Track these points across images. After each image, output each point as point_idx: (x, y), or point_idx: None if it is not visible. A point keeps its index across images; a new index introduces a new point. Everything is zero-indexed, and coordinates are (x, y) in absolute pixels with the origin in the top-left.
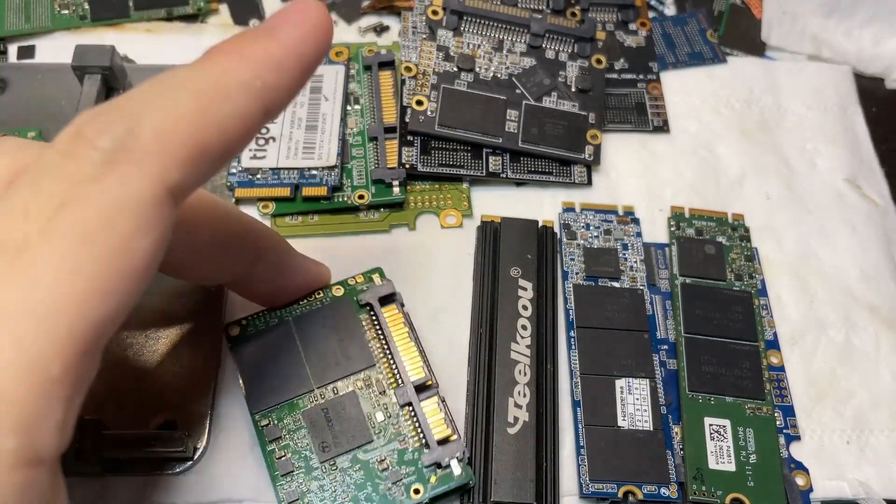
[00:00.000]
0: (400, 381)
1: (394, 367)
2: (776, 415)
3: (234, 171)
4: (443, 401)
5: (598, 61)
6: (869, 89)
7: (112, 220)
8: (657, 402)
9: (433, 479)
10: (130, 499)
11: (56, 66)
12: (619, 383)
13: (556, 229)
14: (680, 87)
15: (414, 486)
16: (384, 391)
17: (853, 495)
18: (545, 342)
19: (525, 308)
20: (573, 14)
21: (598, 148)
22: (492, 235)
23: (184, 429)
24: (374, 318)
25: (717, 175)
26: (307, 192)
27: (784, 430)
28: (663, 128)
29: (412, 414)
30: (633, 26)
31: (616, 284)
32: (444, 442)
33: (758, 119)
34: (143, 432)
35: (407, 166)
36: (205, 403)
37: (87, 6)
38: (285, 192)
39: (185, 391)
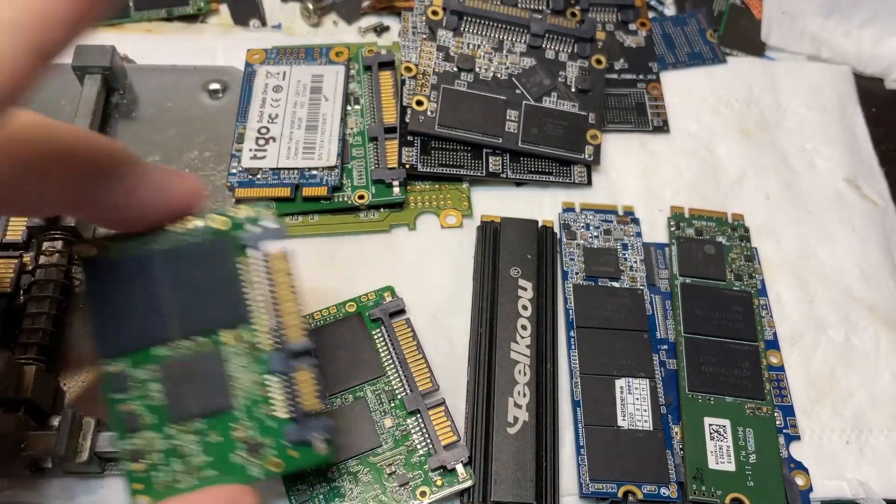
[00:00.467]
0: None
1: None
2: (776, 415)
3: (234, 171)
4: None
5: (598, 61)
6: (868, 89)
7: None
8: (657, 401)
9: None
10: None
11: (56, 66)
12: (619, 383)
13: (556, 229)
14: (680, 88)
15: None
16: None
17: (853, 495)
18: (545, 342)
19: (525, 308)
20: (573, 14)
21: (597, 148)
22: (492, 235)
23: None
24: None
25: (716, 175)
26: (307, 192)
27: (784, 430)
28: (663, 128)
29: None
30: (632, 26)
31: (616, 284)
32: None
33: (757, 119)
34: None
35: (407, 166)
36: None
37: None
38: (285, 192)
39: None
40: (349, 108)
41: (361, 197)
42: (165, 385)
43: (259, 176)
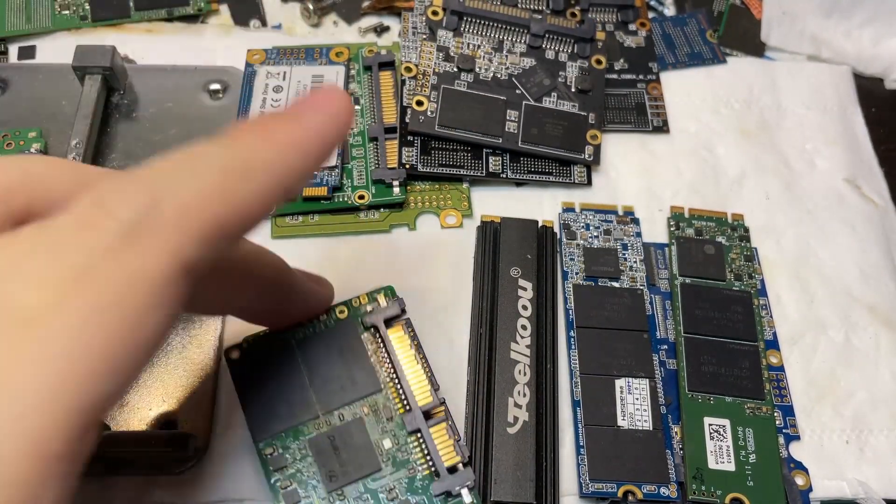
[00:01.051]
0: (408, 407)
1: (401, 391)
2: (776, 415)
3: None
4: (451, 425)
5: (598, 61)
6: (868, 89)
7: (127, 296)
8: (657, 401)
9: None
10: (130, 499)
11: (57, 67)
12: (619, 383)
13: (556, 229)
14: (680, 88)
15: None
16: (391, 417)
17: (853, 495)
18: (545, 342)
19: (525, 308)
20: (573, 14)
21: (597, 148)
22: (492, 235)
23: (184, 429)
24: (379, 340)
25: (716, 175)
26: (307, 192)
27: (784, 430)
28: (663, 128)
29: (420, 441)
30: (632, 27)
31: (616, 284)
32: (453, 470)
33: (757, 119)
34: (143, 432)
35: (407, 166)
36: (205, 403)
37: (87, 6)
38: None
39: (185, 391)
40: None
41: (361, 197)
42: (317, 458)
43: None
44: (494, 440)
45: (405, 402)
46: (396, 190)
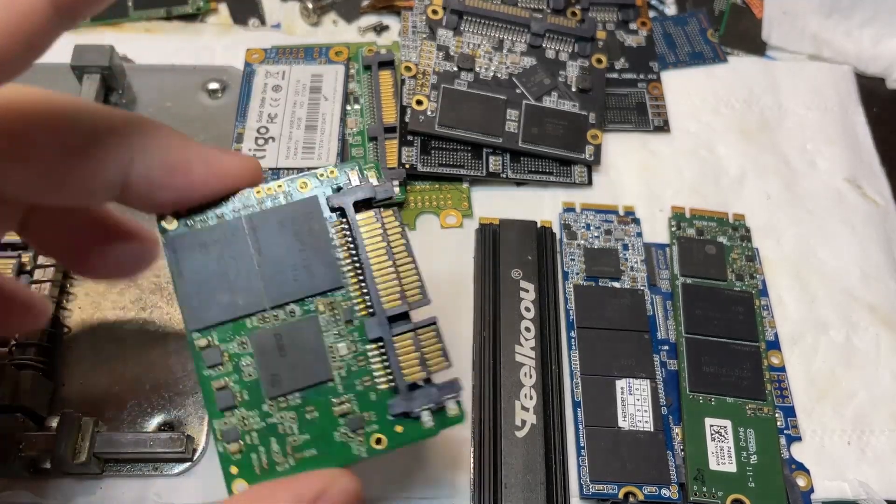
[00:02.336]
0: (371, 310)
1: (365, 291)
2: (777, 415)
3: None
4: (429, 334)
5: (599, 61)
6: (869, 89)
7: None
8: (658, 402)
9: (399, 428)
10: (130, 499)
11: (55, 66)
12: (620, 384)
13: (556, 229)
14: (680, 87)
15: (376, 436)
16: (351, 320)
17: (854, 496)
18: (549, 343)
19: (528, 310)
20: (573, 13)
21: (598, 148)
22: (491, 238)
23: (183, 429)
24: (347, 226)
25: (717, 175)
26: None
27: (785, 431)
28: (664, 127)
29: (382, 351)
30: (633, 26)
31: (616, 285)
32: (415, 387)
33: (758, 119)
34: (142, 432)
35: (407, 166)
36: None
37: None
38: None
39: (184, 392)
40: (349, 107)
41: None
42: (259, 359)
43: None
44: (503, 444)
45: (370, 304)
46: (396, 190)
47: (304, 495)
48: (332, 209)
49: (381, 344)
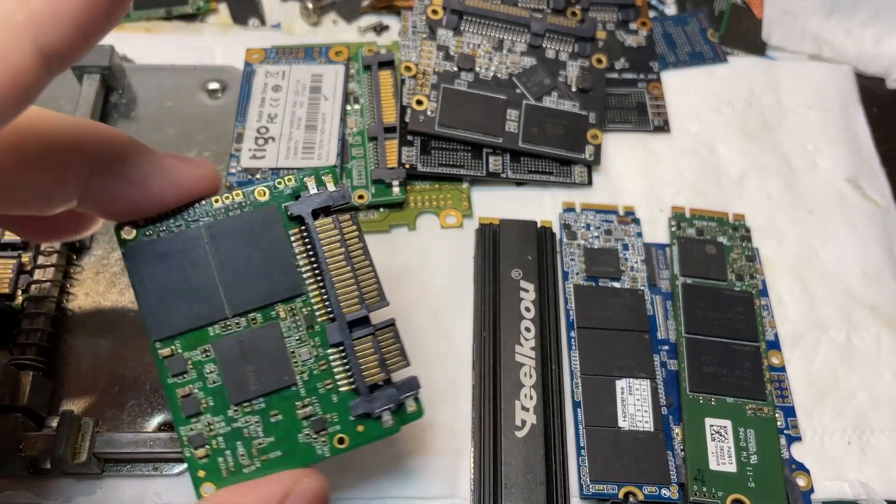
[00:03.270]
0: (332, 316)
1: (326, 297)
2: (777, 415)
3: (233, 171)
4: (387, 336)
5: (599, 61)
6: (870, 89)
7: None
8: (658, 402)
9: (360, 427)
10: (130, 499)
11: None
12: (620, 384)
13: (556, 229)
14: (680, 87)
15: (338, 436)
16: (312, 325)
17: (854, 496)
18: (549, 343)
19: (528, 310)
20: (573, 13)
21: (598, 148)
22: (491, 238)
23: None
24: (306, 234)
25: (717, 175)
26: None
27: (785, 431)
28: (664, 127)
29: (343, 355)
30: (633, 26)
31: (616, 285)
32: (376, 388)
33: (759, 119)
34: (142, 432)
35: (407, 166)
36: None
37: None
38: None
39: None
40: (349, 107)
41: (361, 197)
42: (223, 366)
43: (258, 176)
44: (503, 445)
45: (330, 309)
46: (396, 190)
47: (271, 497)
48: (291, 217)
49: (341, 348)
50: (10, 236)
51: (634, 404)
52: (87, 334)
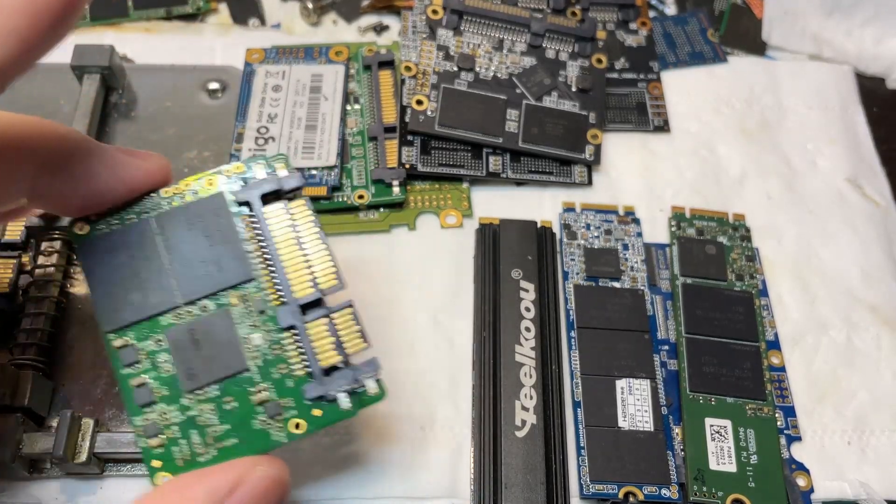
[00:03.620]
0: (283, 299)
1: (276, 281)
2: (777, 415)
3: None
4: (345, 318)
5: (599, 61)
6: (870, 89)
7: None
8: (658, 402)
9: (317, 412)
10: (130, 499)
11: (55, 66)
12: (620, 384)
13: (556, 229)
14: (681, 87)
15: (295, 421)
16: (263, 310)
17: (854, 496)
18: (549, 343)
19: (528, 310)
20: (573, 13)
21: (598, 148)
22: (491, 238)
23: None
24: (254, 219)
25: (717, 175)
26: (307, 191)
27: (785, 431)
28: (664, 127)
29: (297, 338)
30: (633, 26)
31: (616, 285)
32: (331, 371)
33: (759, 119)
34: None
35: (407, 166)
36: None
37: (85, 6)
38: None
39: None
40: (349, 107)
41: (361, 197)
42: (175, 355)
43: None
44: (503, 444)
45: (282, 293)
46: (396, 190)
47: (220, 486)
48: (240, 203)
49: (295, 331)
50: (10, 236)
51: (634, 404)
52: (88, 334)
